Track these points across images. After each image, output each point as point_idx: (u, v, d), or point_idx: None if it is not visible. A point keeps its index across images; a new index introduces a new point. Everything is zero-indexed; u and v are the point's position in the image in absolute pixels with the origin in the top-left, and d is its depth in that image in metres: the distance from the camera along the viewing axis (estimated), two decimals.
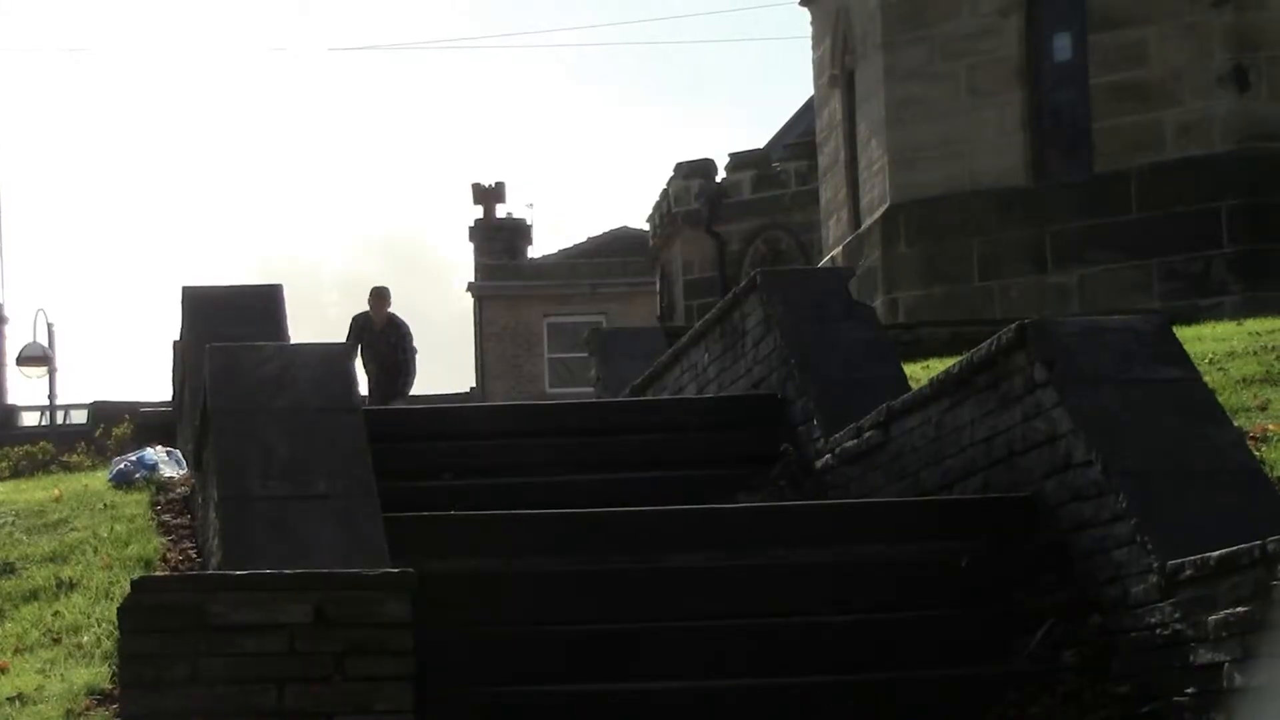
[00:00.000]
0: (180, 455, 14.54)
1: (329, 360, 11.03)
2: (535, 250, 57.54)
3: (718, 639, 9.53)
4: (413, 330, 28.34)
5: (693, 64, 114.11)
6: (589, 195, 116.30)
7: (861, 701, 9.14)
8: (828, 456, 12.13)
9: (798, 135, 41.85)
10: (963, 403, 10.72)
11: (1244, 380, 12.73)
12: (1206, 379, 10.25)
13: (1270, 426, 11.18)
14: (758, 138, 49.60)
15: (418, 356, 28.07)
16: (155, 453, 14.87)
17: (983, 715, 8.84)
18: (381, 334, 27.44)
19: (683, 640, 9.52)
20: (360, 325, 27.68)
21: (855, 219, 27.52)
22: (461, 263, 58.33)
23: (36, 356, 49.90)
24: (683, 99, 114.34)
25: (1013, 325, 10.31)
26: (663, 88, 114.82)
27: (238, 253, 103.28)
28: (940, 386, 11.04)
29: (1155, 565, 8.64)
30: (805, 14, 29.79)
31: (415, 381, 28.43)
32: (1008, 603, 9.37)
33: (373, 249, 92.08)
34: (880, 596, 9.73)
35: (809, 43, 29.87)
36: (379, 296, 27.81)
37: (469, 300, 56.80)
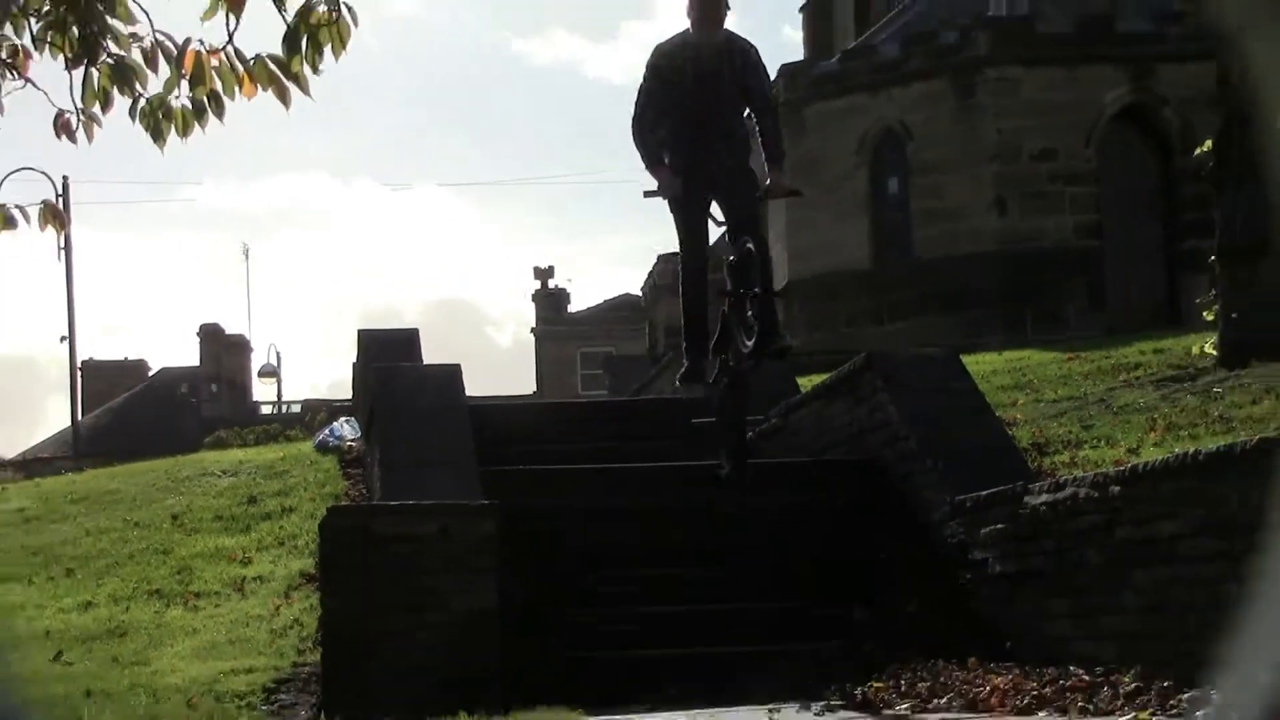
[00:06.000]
0: (356, 422, 14.45)
1: (446, 377, 11.05)
2: (573, 308, 57.49)
3: (681, 550, 9.41)
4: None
5: None
6: (606, 274, 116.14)
7: (765, 577, 9.03)
8: (750, 434, 12.13)
9: None
10: (833, 401, 10.75)
11: (1002, 388, 12.78)
12: (980, 387, 10.31)
13: (1018, 416, 11.23)
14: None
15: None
16: (340, 425, 14.78)
17: (850, 591, 8.80)
18: (713, 69, 8.32)
19: (661, 550, 9.43)
20: (670, 59, 8.40)
21: None
22: (525, 317, 58.37)
23: (270, 372, 50.29)
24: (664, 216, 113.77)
25: (863, 354, 10.36)
26: (653, 209, 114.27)
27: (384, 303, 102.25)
28: (819, 391, 11.07)
29: (950, 500, 8.69)
30: None
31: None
32: (865, 525, 9.36)
33: (452, 312, 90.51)
34: (785, 522, 9.59)
35: None
36: (706, 4, 8.27)
37: (530, 339, 56.89)
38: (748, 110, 8.61)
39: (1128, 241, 23.08)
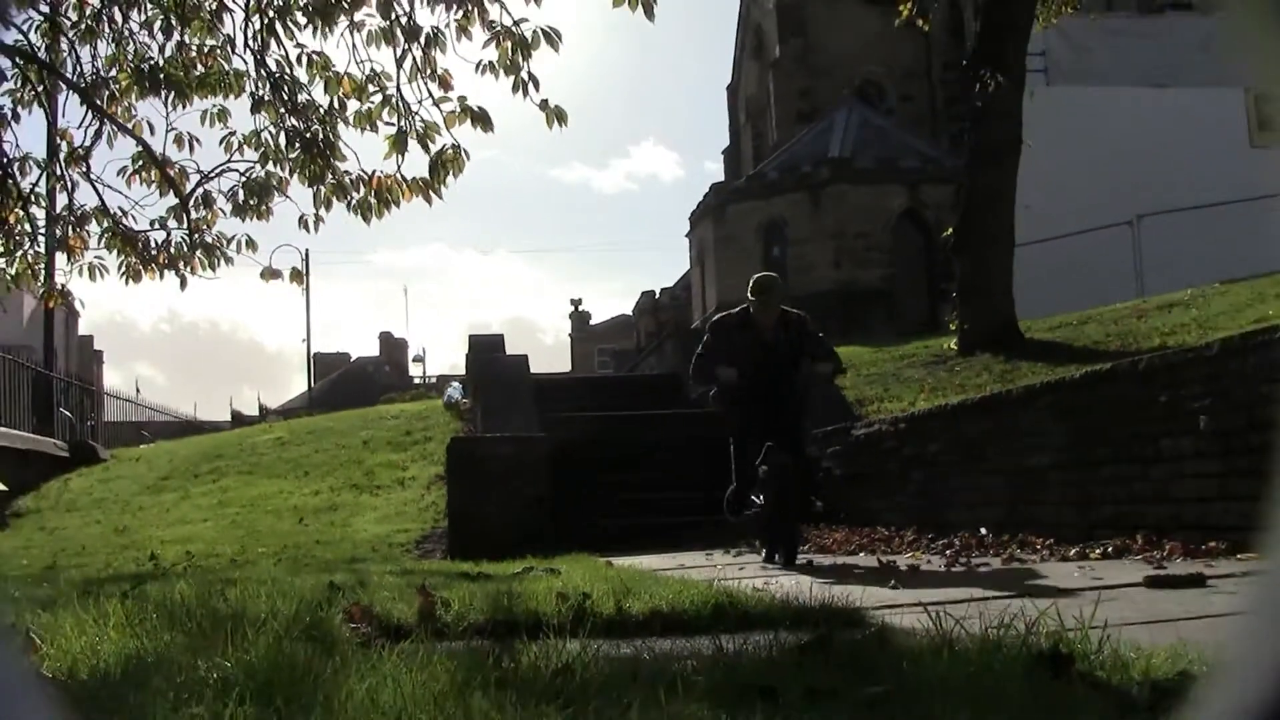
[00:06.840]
0: (460, 385, 14.20)
1: (519, 364, 11.03)
2: (592, 322, 57.09)
3: (649, 462, 9.09)
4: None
5: (646, 258, 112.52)
6: (611, 302, 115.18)
7: (701, 478, 8.60)
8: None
9: (684, 283, 41.64)
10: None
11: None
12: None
13: (847, 384, 10.96)
14: (670, 281, 49.47)
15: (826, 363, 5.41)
16: (451, 387, 14.47)
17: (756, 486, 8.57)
18: (772, 343, 5.36)
19: (635, 462, 9.13)
20: (728, 332, 5.39)
21: (704, 312, 27.42)
22: (563, 328, 57.83)
23: (419, 359, 50.13)
24: (649, 271, 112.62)
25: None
26: (639, 267, 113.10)
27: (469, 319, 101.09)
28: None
29: (811, 431, 8.57)
30: (684, 241, 29.60)
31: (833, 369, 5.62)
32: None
33: (519, 325, 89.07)
34: (716, 447, 8.77)
35: (686, 249, 29.70)
36: (766, 292, 5.38)
37: (568, 341, 56.60)
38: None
39: (908, 285, 23.15)
